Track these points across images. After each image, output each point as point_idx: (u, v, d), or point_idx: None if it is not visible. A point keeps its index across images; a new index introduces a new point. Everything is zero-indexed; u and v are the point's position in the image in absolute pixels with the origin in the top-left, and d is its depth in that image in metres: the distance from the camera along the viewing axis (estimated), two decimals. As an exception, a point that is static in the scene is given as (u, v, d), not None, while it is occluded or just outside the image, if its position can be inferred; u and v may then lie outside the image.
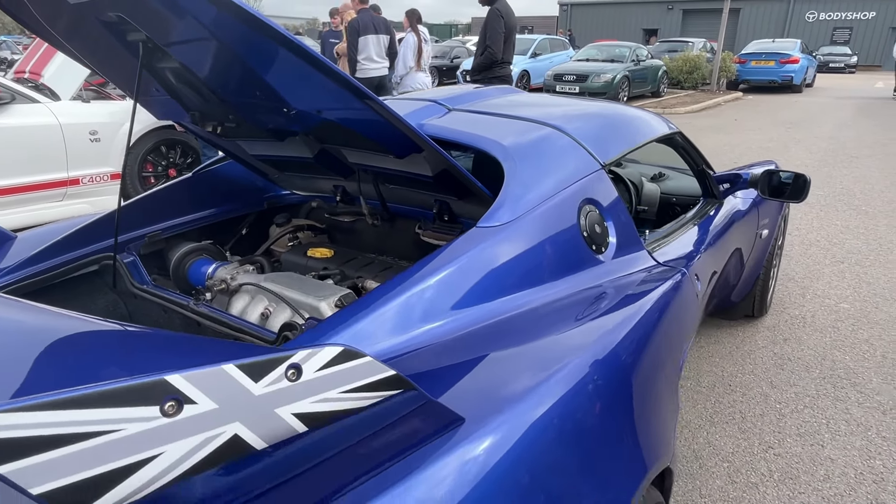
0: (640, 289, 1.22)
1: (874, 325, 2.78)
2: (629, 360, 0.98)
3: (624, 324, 1.05)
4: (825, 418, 2.10)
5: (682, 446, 1.97)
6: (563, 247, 1.20)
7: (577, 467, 0.78)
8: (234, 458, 0.49)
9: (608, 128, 1.60)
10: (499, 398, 0.78)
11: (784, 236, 2.96)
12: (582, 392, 0.85)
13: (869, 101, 13.26)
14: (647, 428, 0.94)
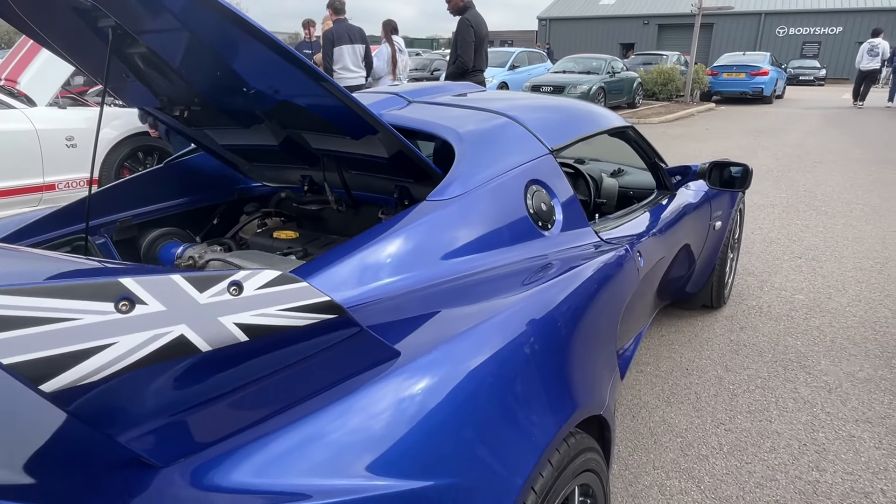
0: (581, 259, 1.31)
1: (826, 314, 2.91)
2: (562, 315, 1.07)
3: (561, 284, 1.14)
4: (774, 397, 2.21)
5: (639, 425, 2.06)
6: (509, 221, 1.29)
7: (503, 404, 0.86)
8: (181, 357, 0.57)
9: (558, 118, 1.71)
10: (435, 340, 0.86)
11: (741, 230, 3.09)
12: (513, 338, 0.94)
13: (835, 111, 13.70)
14: (574, 377, 1.02)
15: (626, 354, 1.86)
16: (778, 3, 30.79)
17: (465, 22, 4.77)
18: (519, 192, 1.35)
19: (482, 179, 1.29)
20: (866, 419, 2.07)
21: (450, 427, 0.78)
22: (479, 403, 0.83)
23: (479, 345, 0.88)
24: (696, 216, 2.33)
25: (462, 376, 0.83)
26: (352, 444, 0.70)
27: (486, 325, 0.92)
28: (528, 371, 0.92)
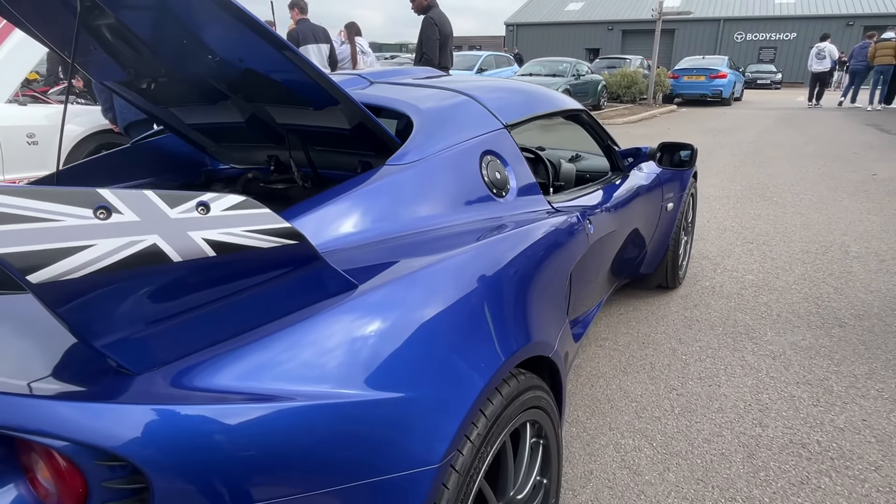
0: (532, 220, 1.41)
1: (773, 291, 3.08)
2: (510, 263, 1.16)
3: (511, 238, 1.23)
4: (723, 365, 2.35)
5: (597, 392, 2.16)
6: (464, 186, 1.37)
7: (453, 333, 0.94)
8: (154, 265, 0.63)
9: (514, 98, 1.80)
10: (390, 277, 0.94)
11: (694, 213, 3.24)
12: (464, 277, 1.02)
13: (790, 111, 14.26)
14: (521, 319, 1.11)
15: (583, 320, 1.96)
16: (735, 10, 31.84)
17: (429, 20, 4.87)
18: (474, 160, 1.44)
19: (439, 148, 1.37)
20: (806, 381, 2.21)
21: (405, 349, 0.85)
22: (431, 331, 0.90)
23: (431, 280, 0.96)
24: (648, 196, 2.46)
25: (415, 306, 0.91)
26: (314, 359, 0.77)
27: (439, 266, 1.00)
28: (477, 307, 1.01)
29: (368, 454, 0.76)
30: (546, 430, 1.24)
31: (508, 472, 1.09)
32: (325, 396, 0.74)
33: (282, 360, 0.75)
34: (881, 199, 5.03)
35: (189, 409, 0.67)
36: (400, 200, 1.21)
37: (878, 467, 1.74)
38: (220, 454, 0.66)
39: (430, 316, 0.92)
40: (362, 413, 0.77)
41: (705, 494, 1.64)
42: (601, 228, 1.87)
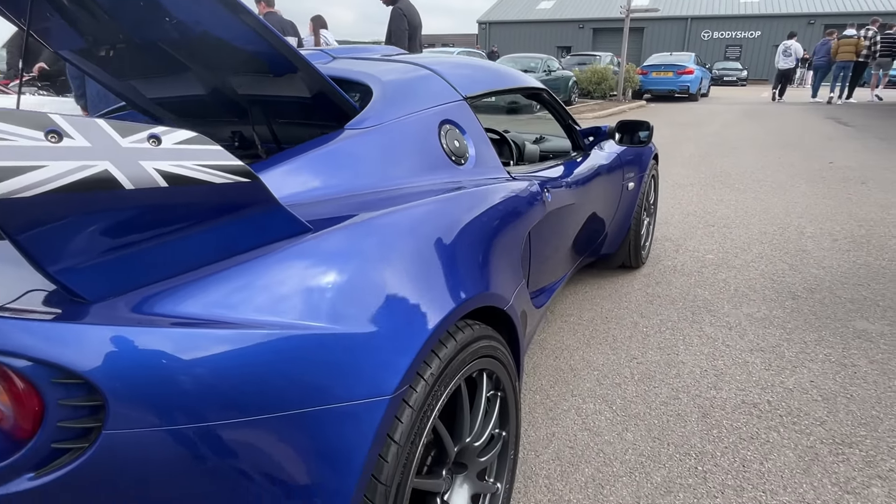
0: (490, 185, 1.45)
1: (732, 269, 3.20)
2: (465, 218, 1.21)
3: (468, 195, 1.28)
4: (682, 336, 2.44)
5: (560, 363, 2.23)
6: (422, 151, 1.41)
7: (403, 281, 0.98)
8: (106, 191, 0.65)
9: (474, 73, 1.85)
10: (346, 224, 0.98)
11: (656, 195, 3.34)
12: (418, 226, 1.06)
13: (754, 106, 14.65)
14: (472, 270, 1.15)
15: (547, 289, 2.02)
16: (702, 9, 32.52)
17: (398, 11, 4.90)
18: (432, 128, 1.48)
19: (397, 115, 1.41)
20: (760, 348, 2.31)
21: (359, 289, 0.89)
22: (384, 274, 0.94)
23: (386, 228, 1.00)
24: (608, 175, 2.53)
25: (370, 250, 0.94)
26: (268, 294, 0.80)
27: (395, 215, 1.04)
28: (431, 256, 1.05)
29: (322, 382, 0.80)
30: (503, 382, 1.29)
31: (464, 417, 1.13)
32: (278, 326, 0.77)
33: (236, 293, 0.78)
34: (836, 185, 5.22)
35: (146, 331, 0.69)
36: (358, 162, 1.24)
37: (823, 422, 1.83)
38: (174, 376, 0.69)
39: (384, 260, 0.95)
40: (316, 344, 0.80)
41: (661, 450, 1.71)
42: (560, 200, 1.93)
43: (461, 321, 1.12)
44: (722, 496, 1.53)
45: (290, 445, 0.77)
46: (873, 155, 6.74)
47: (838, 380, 2.08)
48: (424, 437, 0.96)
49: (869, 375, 2.10)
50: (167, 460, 0.69)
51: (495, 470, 1.36)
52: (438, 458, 1.10)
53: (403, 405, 0.91)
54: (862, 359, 2.22)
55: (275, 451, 0.76)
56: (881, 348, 2.29)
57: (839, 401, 1.95)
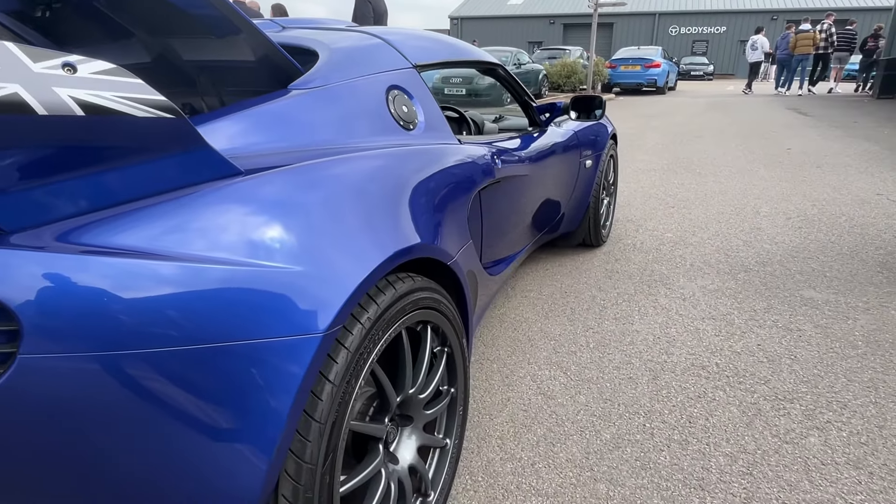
0: (436, 146, 1.47)
1: (689, 246, 3.28)
2: (406, 170, 1.22)
3: (412, 152, 1.29)
4: (637, 307, 2.49)
5: (519, 334, 2.26)
6: (368, 114, 1.42)
7: (338, 224, 0.99)
8: (18, 115, 0.65)
9: (426, 43, 1.86)
10: (281, 169, 0.98)
11: (615, 175, 3.40)
12: (355, 175, 1.07)
13: (720, 98, 14.97)
14: (411, 220, 1.16)
15: (504, 259, 2.05)
16: (670, 5, 33.05)
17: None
18: (379, 92, 1.49)
19: (343, 78, 1.42)
20: (711, 317, 2.38)
21: (292, 229, 0.90)
22: (319, 216, 0.95)
23: (323, 174, 1.01)
24: (565, 151, 2.57)
25: (305, 192, 0.95)
26: (193, 228, 0.80)
27: (333, 163, 1.05)
28: (368, 203, 1.06)
29: (251, 317, 0.80)
30: (450, 338, 1.31)
31: (406, 367, 1.15)
32: (204, 260, 0.78)
33: (160, 228, 0.78)
34: (793, 169, 5.38)
35: (64, 258, 0.69)
36: (300, 120, 1.25)
37: (767, 381, 1.90)
38: (91, 304, 0.69)
39: (320, 204, 0.96)
40: (246, 279, 0.81)
41: (611, 410, 1.76)
42: (513, 170, 1.95)
43: (402, 272, 1.14)
44: (668, 449, 1.58)
45: (217, 378, 0.77)
46: (829, 141, 6.96)
47: (784, 343, 2.15)
48: (362, 380, 0.97)
49: (813, 339, 2.18)
50: (84, 389, 0.69)
51: (444, 425, 1.38)
52: (381, 407, 1.12)
53: (338, 346, 0.92)
54: (807, 324, 2.30)
55: (200, 382, 0.76)
56: (826, 314, 2.38)
57: (783, 362, 2.02)
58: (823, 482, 1.45)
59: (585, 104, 2.48)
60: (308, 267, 0.88)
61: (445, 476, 1.34)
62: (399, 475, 1.18)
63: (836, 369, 1.96)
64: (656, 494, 1.42)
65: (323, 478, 0.89)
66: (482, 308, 1.86)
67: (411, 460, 1.23)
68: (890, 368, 1.96)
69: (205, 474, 0.79)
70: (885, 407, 1.75)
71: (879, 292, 2.58)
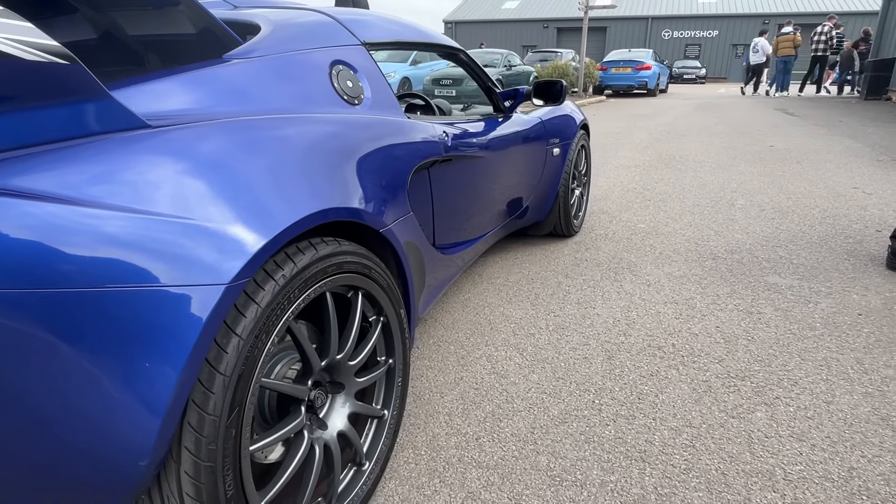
0: (375, 119, 1.47)
1: (660, 236, 3.29)
2: (336, 137, 1.23)
3: (343, 120, 1.30)
4: (602, 292, 2.50)
5: (480, 318, 2.26)
6: (308, 86, 1.42)
7: (253, 182, 0.99)
8: None
9: (377, 21, 1.87)
10: (186, 126, 0.98)
11: (588, 166, 3.41)
12: (277, 137, 1.08)
13: (710, 100, 15.04)
14: (336, 185, 1.16)
15: (461, 242, 2.05)
16: (662, 9, 33.23)
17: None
18: (322, 66, 1.49)
19: (283, 49, 1.42)
20: (673, 301, 2.39)
21: (204, 181, 0.90)
22: (235, 170, 0.95)
23: (235, 130, 1.02)
24: (530, 138, 2.58)
25: (218, 146, 0.95)
26: (90, 174, 0.80)
27: (246, 121, 1.05)
28: (288, 163, 1.06)
29: (141, 265, 0.80)
30: (385, 308, 1.31)
31: (332, 331, 1.14)
32: (103, 206, 0.78)
33: (55, 171, 0.78)
34: (773, 164, 5.41)
35: None
36: (231, 88, 1.24)
37: (721, 360, 1.91)
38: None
39: (233, 159, 0.96)
40: (146, 227, 0.81)
41: (562, 388, 1.76)
42: (469, 151, 1.96)
43: (327, 234, 1.14)
44: (613, 424, 1.58)
45: (112, 321, 0.77)
46: (812, 139, 7.00)
47: (742, 325, 2.16)
48: (274, 336, 0.97)
49: (772, 321, 2.19)
50: None
51: (382, 396, 1.37)
52: (304, 369, 1.11)
53: (247, 299, 0.92)
54: (768, 307, 2.31)
55: (94, 324, 0.76)
56: (788, 298, 2.39)
57: (740, 343, 2.03)
58: (765, 454, 1.45)
59: (547, 89, 2.49)
60: (215, 220, 0.88)
61: (382, 447, 1.34)
62: (326, 441, 1.17)
63: (791, 349, 1.97)
64: (596, 466, 1.42)
65: (228, 431, 0.89)
66: (436, 286, 1.86)
67: (342, 427, 1.22)
68: (844, 348, 1.96)
69: (100, 418, 0.78)
70: (835, 384, 1.75)
71: (844, 278, 2.59)
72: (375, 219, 1.25)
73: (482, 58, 14.39)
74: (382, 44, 1.79)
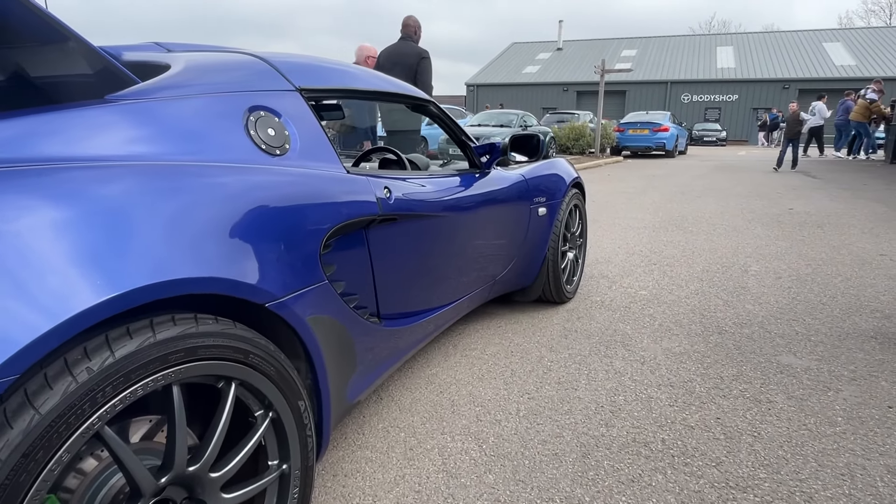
0: (286, 170, 1.27)
1: (662, 304, 2.98)
2: (212, 185, 1.01)
3: (239, 170, 1.09)
4: (587, 370, 2.19)
5: (442, 398, 1.97)
6: (209, 132, 1.22)
7: (84, 238, 0.77)
8: None
9: (321, 66, 1.69)
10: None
11: (582, 226, 3.16)
12: (110, 186, 0.87)
13: (729, 162, 14.85)
14: (196, 248, 0.94)
15: (418, 311, 1.80)
16: (681, 74, 33.71)
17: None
18: (234, 111, 1.30)
19: (182, 92, 1.24)
20: (669, 384, 2.07)
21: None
22: (58, 225, 0.74)
23: (76, 180, 0.81)
24: (509, 196, 2.36)
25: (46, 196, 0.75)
26: None
27: (100, 169, 0.85)
28: (139, 216, 0.85)
29: None
30: (273, 401, 1.06)
31: (175, 432, 0.89)
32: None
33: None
34: (792, 228, 5.10)
35: None
36: (93, 131, 1.05)
37: (719, 463, 1.58)
38: None
39: (37, 211, 0.75)
40: None
41: (521, 495, 1.45)
42: (425, 208, 1.74)
43: (180, 310, 0.90)
44: (576, 549, 1.26)
45: None
46: (835, 202, 6.68)
47: (748, 417, 1.83)
48: (63, 452, 0.72)
49: (784, 412, 1.86)
50: None
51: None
52: (132, 491, 0.85)
53: (23, 402, 0.68)
54: (780, 395, 1.98)
55: None
56: (803, 384, 2.06)
57: (743, 440, 1.70)
58: None
59: (525, 144, 2.29)
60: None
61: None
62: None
63: (805, 451, 1.63)
64: None
65: None
66: (378, 365, 1.60)
67: (202, 559, 0.95)
68: (872, 451, 1.63)
69: None
70: (861, 501, 1.41)
71: (869, 360, 2.25)
72: (257, 290, 1.02)
73: (498, 118, 14.53)
74: (325, 91, 1.62)
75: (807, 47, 33.79)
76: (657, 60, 35.84)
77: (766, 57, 33.65)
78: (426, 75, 4.98)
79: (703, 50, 36.32)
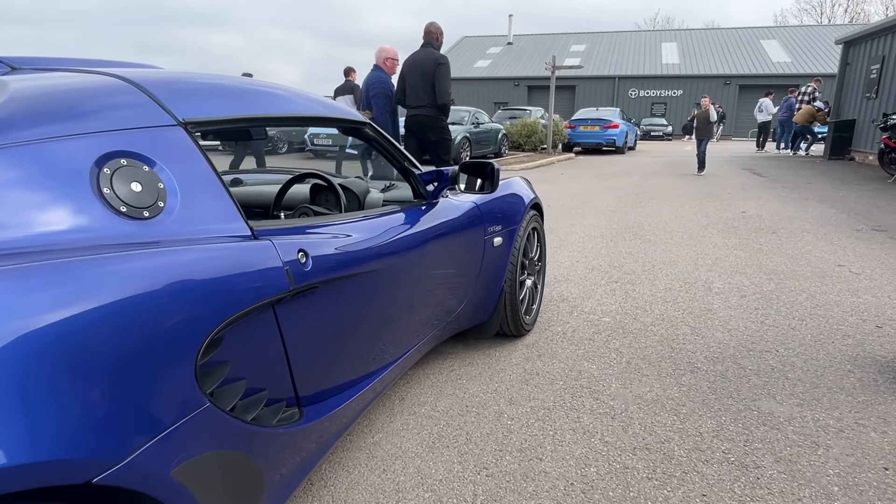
0: (169, 251, 0.92)
1: (627, 335, 2.75)
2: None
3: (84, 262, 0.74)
4: (553, 430, 1.92)
5: (384, 482, 1.66)
6: (43, 202, 0.87)
7: None
8: None
9: (223, 89, 1.33)
10: None
11: (541, 251, 2.90)
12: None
13: (677, 158, 15.05)
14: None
15: (348, 384, 1.47)
16: (629, 69, 34.28)
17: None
18: (82, 164, 0.94)
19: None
20: (645, 446, 1.82)
21: None
22: None
23: None
24: (460, 228, 2.06)
25: None
26: None
27: None
28: None
29: None
30: None
31: None
32: None
33: None
34: (748, 235, 5.01)
35: None
36: None
37: (713, 565, 1.33)
38: None
39: None
40: None
41: None
42: (355, 265, 1.41)
43: None
44: None
45: None
46: (784, 204, 6.70)
47: (736, 490, 1.60)
48: None
49: (775, 482, 1.63)
50: None
51: None
52: None
53: None
54: (767, 456, 1.76)
55: None
56: (790, 438, 1.85)
57: (736, 526, 1.46)
58: None
59: (479, 171, 1.99)
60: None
61: None
62: None
63: (807, 540, 1.41)
64: None
65: None
66: (305, 462, 1.27)
67: None
68: (880, 537, 1.41)
69: None
70: None
71: (853, 402, 2.07)
72: (71, 465, 0.67)
73: (451, 115, 14.19)
74: (220, 122, 1.26)
75: (745, 44, 34.93)
76: (605, 56, 36.32)
77: (708, 53, 34.62)
78: (443, 81, 4.91)
79: (649, 46, 37.05)
